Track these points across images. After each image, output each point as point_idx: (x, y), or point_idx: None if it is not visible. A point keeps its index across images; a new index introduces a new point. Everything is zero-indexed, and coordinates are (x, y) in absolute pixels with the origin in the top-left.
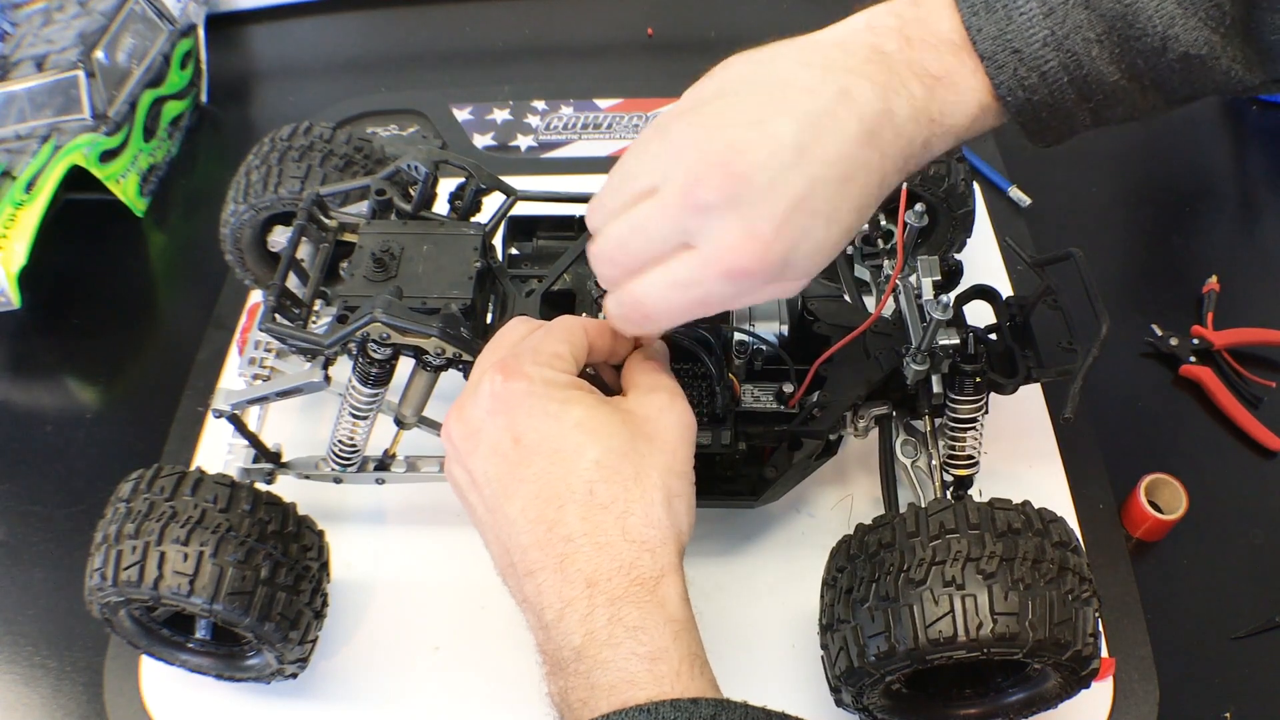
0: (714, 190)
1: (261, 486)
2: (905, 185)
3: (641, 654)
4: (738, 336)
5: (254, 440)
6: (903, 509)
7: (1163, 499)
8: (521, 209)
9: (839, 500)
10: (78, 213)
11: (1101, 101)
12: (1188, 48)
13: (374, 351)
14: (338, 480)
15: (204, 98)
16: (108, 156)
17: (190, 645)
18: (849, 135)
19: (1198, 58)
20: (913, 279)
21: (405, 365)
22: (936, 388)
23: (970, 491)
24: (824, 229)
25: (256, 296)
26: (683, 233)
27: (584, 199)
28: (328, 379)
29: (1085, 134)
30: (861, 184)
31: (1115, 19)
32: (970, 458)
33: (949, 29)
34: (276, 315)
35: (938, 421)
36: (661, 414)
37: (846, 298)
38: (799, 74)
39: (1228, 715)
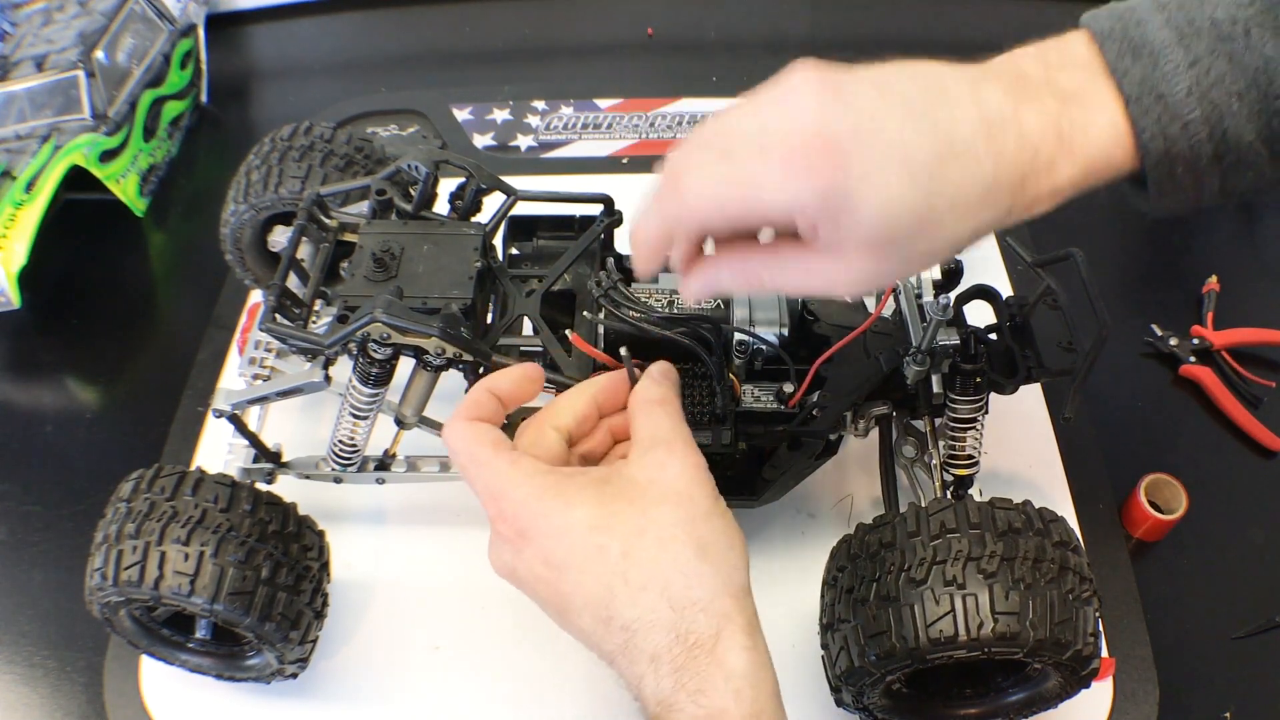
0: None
1: (262, 486)
2: None
3: (701, 717)
4: (738, 336)
5: (254, 440)
6: (903, 509)
7: (1163, 499)
8: (522, 209)
9: (839, 500)
10: (78, 213)
11: (1233, 164)
12: None
13: (374, 351)
14: (338, 480)
15: (204, 98)
16: (108, 156)
17: (190, 645)
18: (967, 119)
19: None
20: (913, 279)
21: (405, 365)
22: (936, 388)
23: (970, 491)
24: (901, 189)
25: (256, 296)
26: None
27: (584, 199)
28: (328, 379)
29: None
30: (962, 175)
31: (1258, 73)
32: (970, 457)
33: (1086, 57)
34: (277, 315)
35: (938, 421)
36: (663, 470)
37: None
38: (943, 77)
39: (1228, 715)
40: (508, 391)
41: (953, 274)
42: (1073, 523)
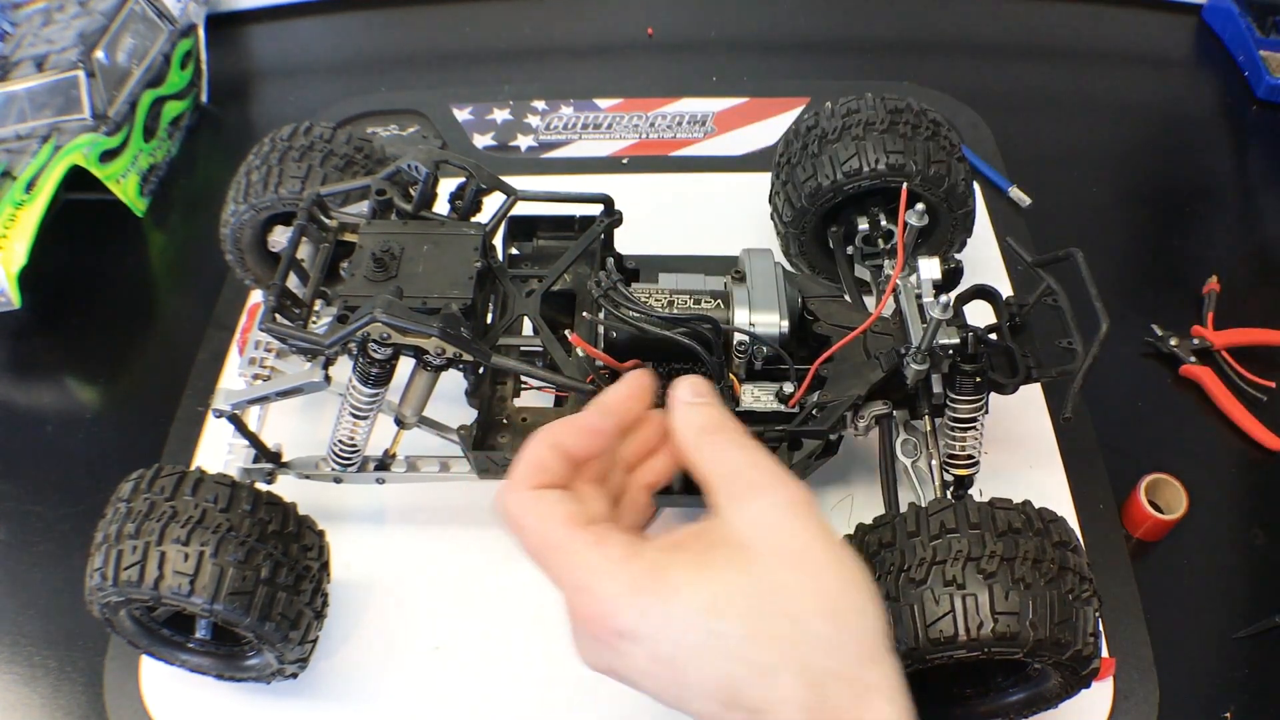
0: None
1: (262, 486)
2: (905, 185)
3: None
4: (738, 336)
5: (254, 440)
6: (903, 509)
7: (1163, 499)
8: (522, 209)
9: (839, 500)
10: (78, 213)
11: None
12: None
13: (374, 351)
14: (338, 480)
15: (204, 98)
16: (108, 156)
17: (190, 645)
18: None
19: None
20: (913, 279)
21: (405, 365)
22: (936, 388)
23: (970, 491)
24: None
25: (256, 296)
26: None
27: (584, 199)
28: (328, 379)
29: (1084, 134)
30: None
31: None
32: (970, 457)
33: None
34: (277, 315)
35: (938, 421)
36: (766, 523)
37: (846, 298)
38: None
39: (1228, 715)
40: (578, 447)
41: (953, 274)
42: (1073, 523)
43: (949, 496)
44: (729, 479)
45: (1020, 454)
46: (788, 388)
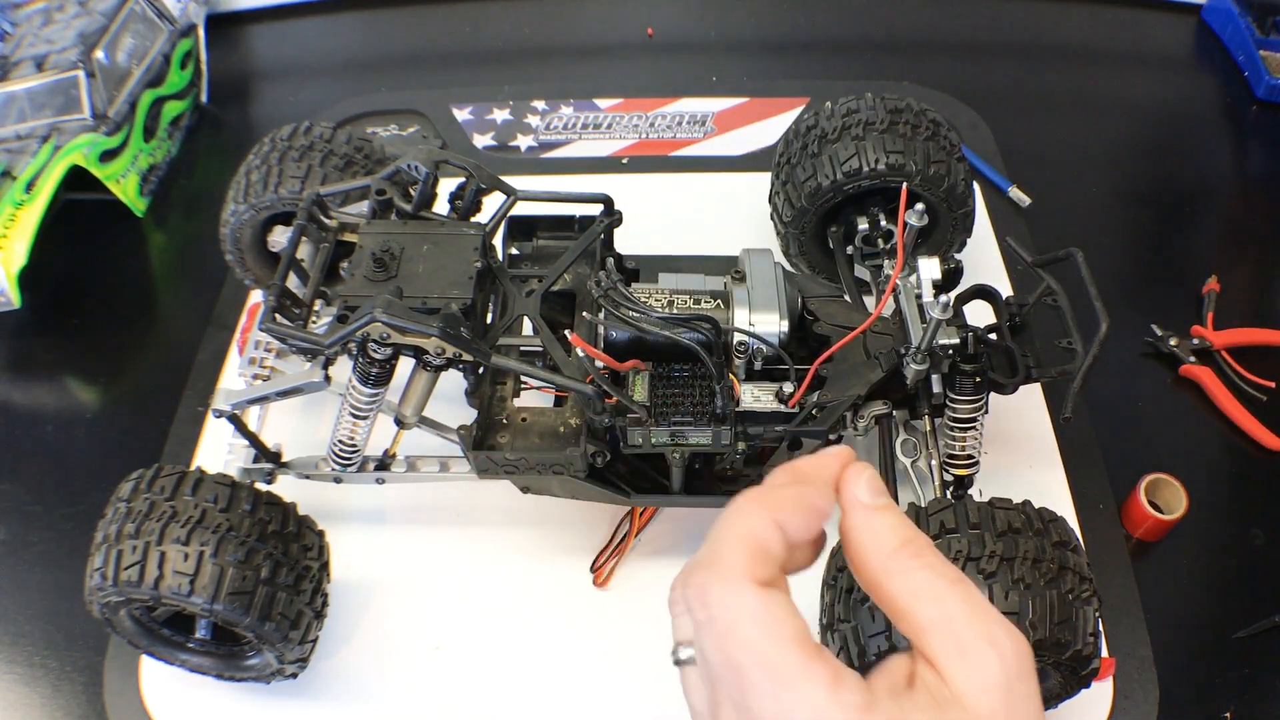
0: None
1: (261, 486)
2: (905, 185)
3: None
4: (738, 337)
5: (254, 440)
6: (903, 508)
7: (1163, 499)
8: (521, 209)
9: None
10: (78, 213)
11: None
12: None
13: (374, 351)
14: (338, 480)
15: (204, 98)
16: (108, 156)
17: (190, 645)
18: None
19: None
20: (913, 279)
21: (405, 365)
22: (936, 388)
23: (970, 491)
24: None
25: (256, 296)
26: None
27: (584, 199)
28: (328, 379)
29: (1084, 134)
30: None
31: None
32: (970, 457)
33: None
34: (277, 315)
35: (937, 421)
36: (1006, 708)
37: (846, 298)
38: None
39: (1228, 715)
40: (800, 532)
41: (953, 274)
42: (1073, 523)
43: (949, 496)
44: (945, 627)
45: (1020, 454)
46: (788, 388)
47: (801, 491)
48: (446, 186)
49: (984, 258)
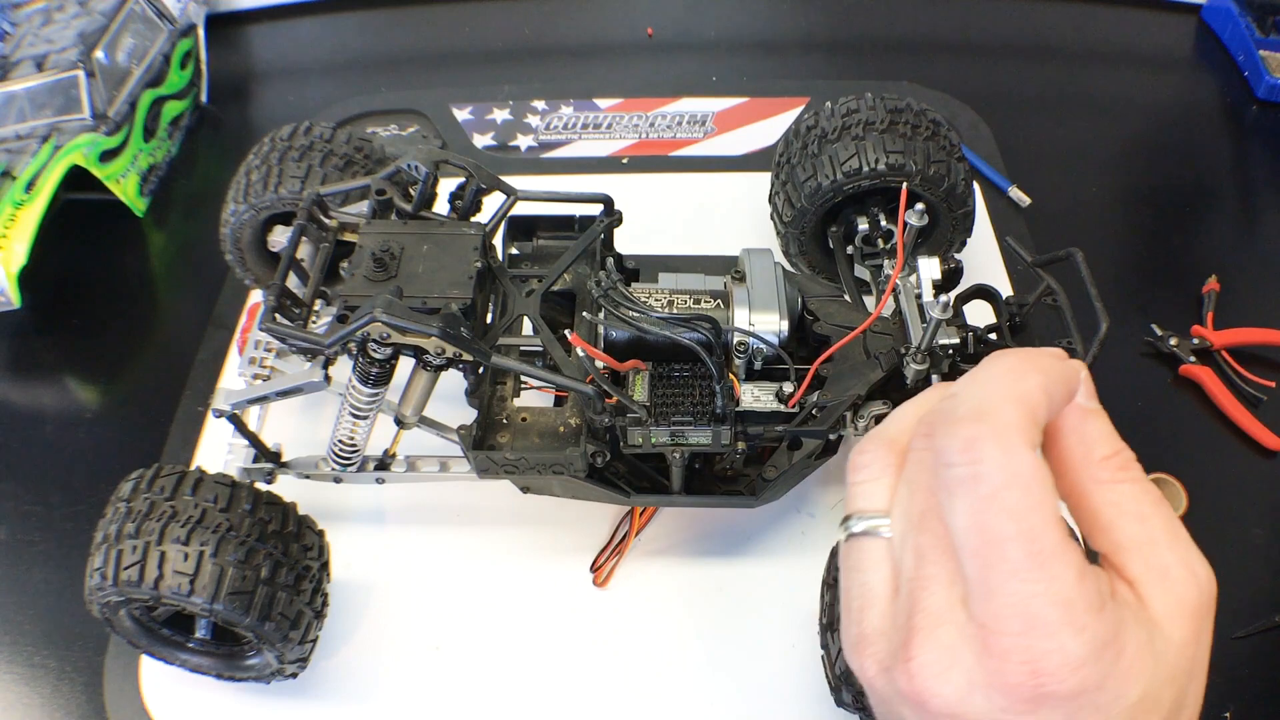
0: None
1: (261, 486)
2: (905, 185)
3: None
4: (738, 337)
5: (254, 440)
6: None
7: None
8: (521, 209)
9: (839, 500)
10: (78, 213)
11: None
12: None
13: (374, 351)
14: (338, 480)
15: (204, 98)
16: (108, 156)
17: (190, 645)
18: None
19: None
20: (913, 279)
21: (405, 365)
22: None
23: None
24: None
25: (256, 296)
26: None
27: (584, 199)
28: (328, 379)
29: (1084, 134)
30: None
31: None
32: None
33: None
34: (277, 315)
35: None
36: (1195, 637)
37: (846, 298)
38: None
39: (1228, 715)
40: (1055, 409)
41: (953, 274)
42: (1073, 523)
43: None
44: (1148, 548)
45: None
46: (787, 388)
47: (1067, 367)
48: (446, 186)
49: (984, 258)
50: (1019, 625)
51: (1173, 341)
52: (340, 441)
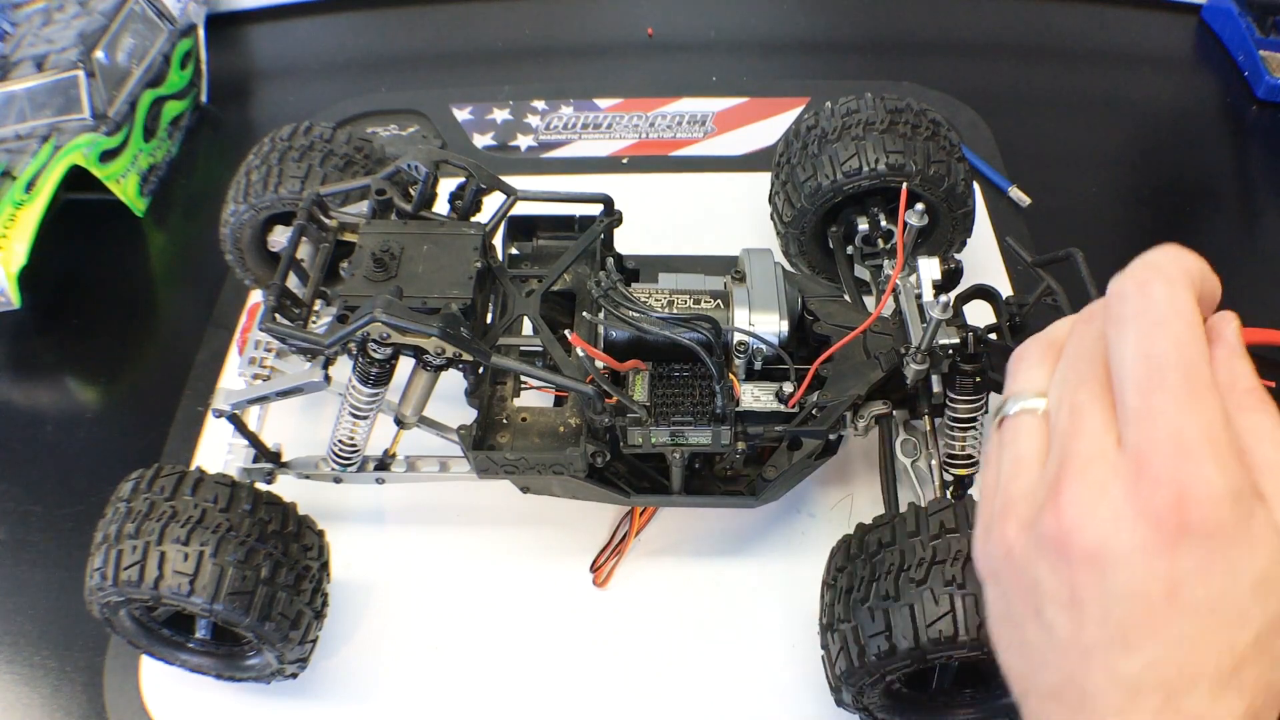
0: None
1: (261, 486)
2: (905, 185)
3: None
4: (738, 337)
5: (254, 440)
6: (903, 508)
7: None
8: (521, 209)
9: (839, 500)
10: (78, 213)
11: None
12: None
13: (374, 351)
14: (338, 480)
15: (204, 98)
16: (108, 156)
17: (190, 645)
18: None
19: None
20: (913, 279)
21: (405, 365)
22: (936, 387)
23: (970, 491)
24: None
25: (256, 296)
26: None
27: (584, 199)
28: (328, 379)
29: (1084, 134)
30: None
31: None
32: (970, 457)
33: None
34: (276, 315)
35: (937, 421)
36: None
37: (846, 298)
38: None
39: None
40: (1207, 300)
41: (953, 274)
42: None
43: (949, 496)
44: (1276, 470)
45: None
46: (787, 388)
47: (1213, 278)
48: (446, 186)
49: (984, 258)
50: (1171, 449)
51: None
52: (340, 441)
